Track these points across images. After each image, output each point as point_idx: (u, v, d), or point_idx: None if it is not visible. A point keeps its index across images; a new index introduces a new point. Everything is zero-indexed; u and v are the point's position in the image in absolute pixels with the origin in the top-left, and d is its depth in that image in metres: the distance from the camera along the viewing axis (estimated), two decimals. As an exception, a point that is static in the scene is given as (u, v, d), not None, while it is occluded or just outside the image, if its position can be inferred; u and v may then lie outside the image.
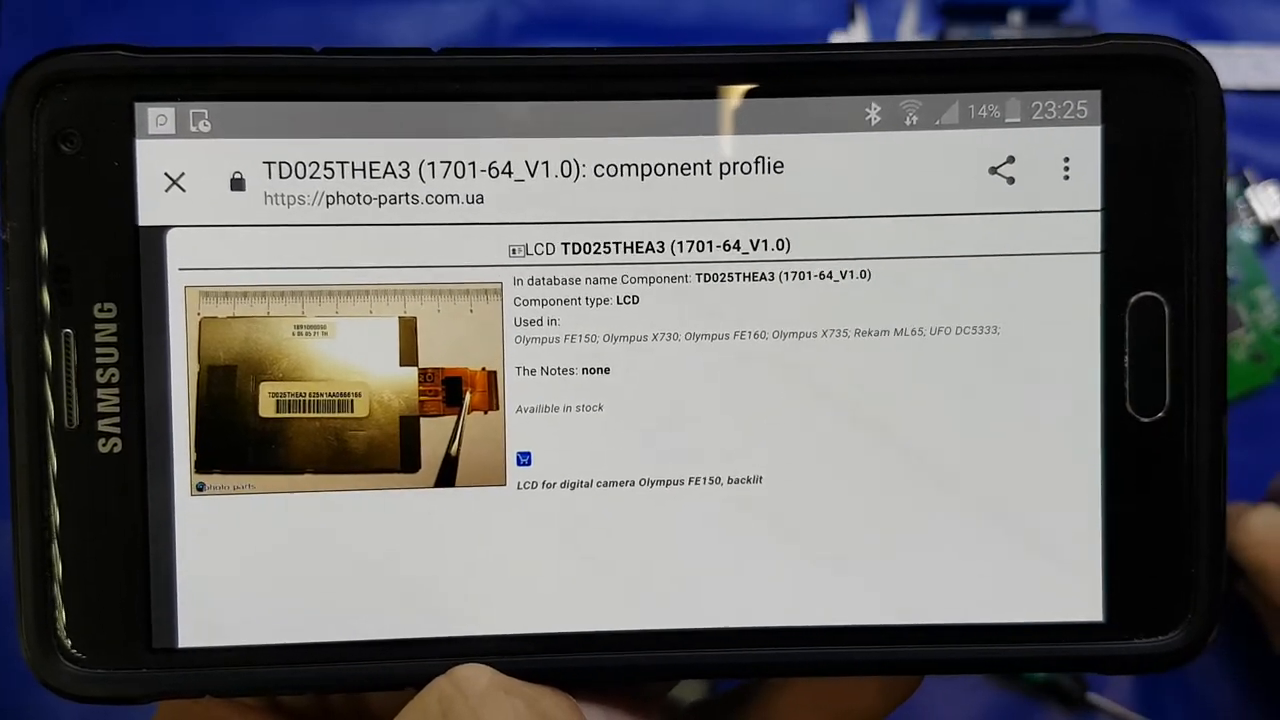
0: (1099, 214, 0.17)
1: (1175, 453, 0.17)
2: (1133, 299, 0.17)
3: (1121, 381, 0.17)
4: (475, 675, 0.16)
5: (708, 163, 0.17)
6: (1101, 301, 0.17)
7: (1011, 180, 0.17)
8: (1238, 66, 0.33)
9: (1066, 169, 0.17)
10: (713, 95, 0.17)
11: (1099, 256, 0.17)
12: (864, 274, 0.17)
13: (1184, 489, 0.17)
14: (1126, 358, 0.17)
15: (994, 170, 0.17)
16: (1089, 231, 0.17)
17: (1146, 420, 0.17)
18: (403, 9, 0.33)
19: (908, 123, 0.17)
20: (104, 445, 0.16)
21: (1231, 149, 0.32)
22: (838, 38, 0.33)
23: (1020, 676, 0.30)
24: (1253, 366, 0.32)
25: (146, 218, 0.16)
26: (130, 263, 0.16)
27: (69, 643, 0.16)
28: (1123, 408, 0.17)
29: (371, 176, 0.17)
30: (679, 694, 0.20)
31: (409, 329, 0.17)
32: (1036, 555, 0.17)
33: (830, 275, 0.17)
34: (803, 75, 0.17)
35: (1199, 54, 0.17)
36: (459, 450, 0.17)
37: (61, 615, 0.16)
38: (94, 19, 0.33)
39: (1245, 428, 0.32)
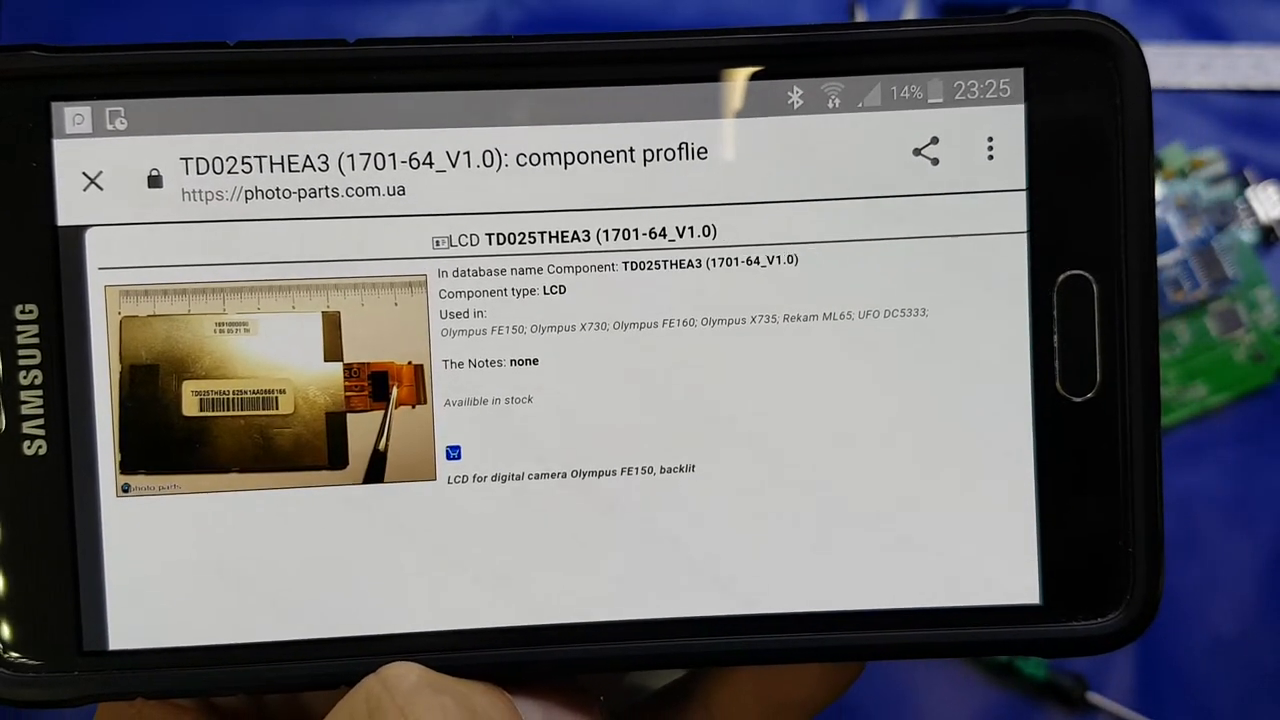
0: (1024, 193, 0.17)
1: (1108, 432, 0.17)
2: (1060, 278, 0.17)
3: (1051, 361, 0.17)
4: (403, 673, 0.16)
5: (631, 150, 0.17)
6: (1029, 281, 0.17)
7: (936, 161, 0.17)
8: (1238, 66, 0.33)
9: (991, 149, 0.17)
10: (634, 81, 0.17)
11: (1025, 236, 0.17)
12: (791, 259, 0.17)
13: (1118, 468, 0.17)
14: (1055, 337, 0.17)
15: (918, 152, 0.17)
16: (1014, 211, 0.17)
17: (1078, 400, 0.17)
18: (403, 8, 0.33)
19: (830, 105, 0.17)
20: (29, 448, 0.16)
21: (1231, 149, 0.32)
22: None
23: (1019, 675, 0.30)
24: (1253, 366, 0.32)
25: (65, 217, 0.16)
26: (50, 263, 0.16)
27: (1, 648, 0.16)
28: (1053, 388, 0.17)
29: (290, 170, 0.16)
30: (643, 681, 0.20)
31: (333, 324, 0.17)
32: (971, 539, 0.17)
33: (757, 261, 0.17)
34: (723, 60, 0.17)
35: (1122, 29, 0.17)
36: (387, 445, 0.17)
37: None
38: (94, 19, 0.33)
39: (1245, 428, 0.32)
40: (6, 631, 0.16)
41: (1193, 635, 0.31)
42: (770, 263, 0.17)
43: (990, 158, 0.17)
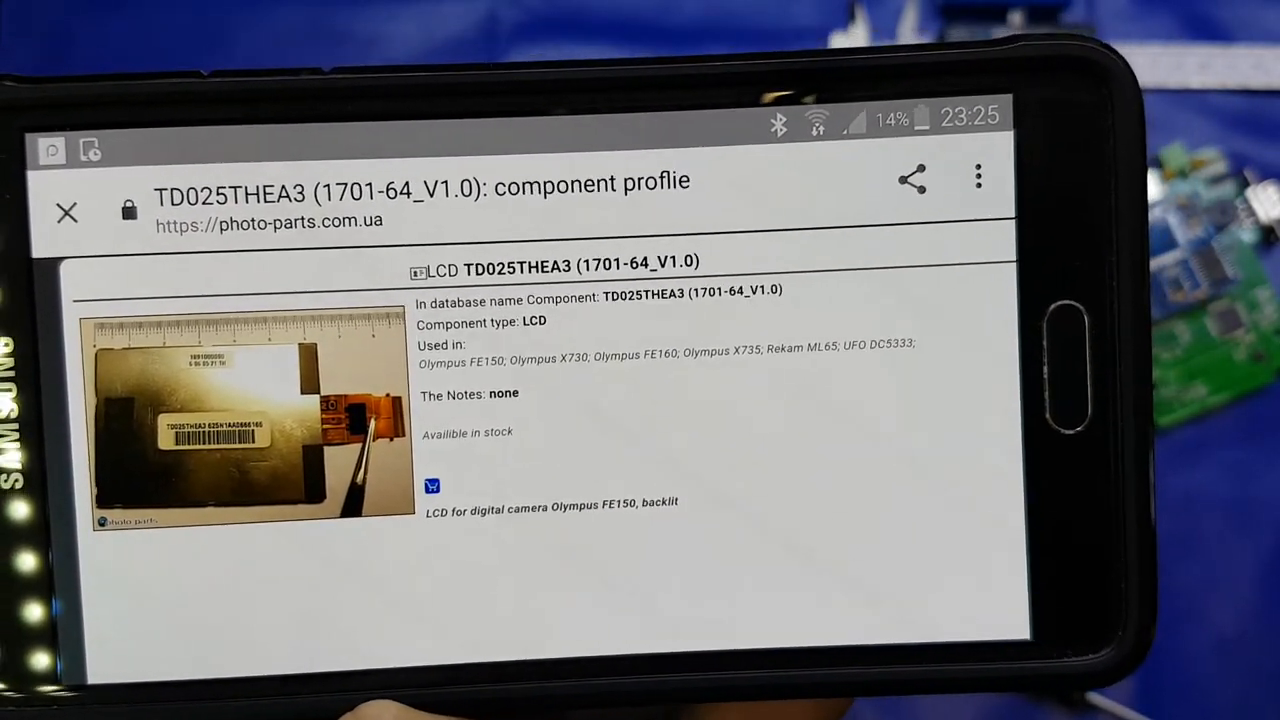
0: (1013, 222, 0.16)
1: (1100, 465, 0.16)
2: (1051, 308, 0.16)
3: (1041, 393, 0.16)
4: (380, 712, 0.15)
5: (611, 179, 0.16)
6: (1018, 311, 0.16)
7: (923, 189, 0.16)
8: (1238, 66, 0.33)
9: (979, 176, 0.16)
10: (614, 109, 0.16)
11: (1014, 265, 0.16)
12: (775, 289, 0.16)
13: (1110, 502, 0.16)
14: (1045, 368, 0.16)
15: (904, 180, 0.16)
16: (1003, 240, 0.16)
17: (1069, 432, 0.16)
18: (403, 9, 0.33)
19: (814, 133, 0.16)
20: (5, 481, 0.16)
21: (1231, 149, 0.32)
22: (838, 38, 0.33)
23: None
24: (1253, 366, 0.32)
25: (40, 249, 0.16)
26: (25, 295, 0.16)
27: (-25, 682, 0.16)
28: (1043, 420, 0.16)
29: (265, 201, 0.16)
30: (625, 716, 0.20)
31: (309, 355, 0.16)
32: (960, 573, 0.17)
33: (741, 290, 0.17)
34: (705, 87, 0.16)
35: (1114, 53, 0.16)
36: (365, 479, 0.17)
37: None
38: (93, 19, 0.33)
39: (1245, 428, 0.32)
40: None
41: (1193, 635, 0.31)
42: (754, 292, 0.17)
43: (978, 185, 0.16)
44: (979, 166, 0.16)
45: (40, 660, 0.16)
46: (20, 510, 0.16)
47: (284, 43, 0.33)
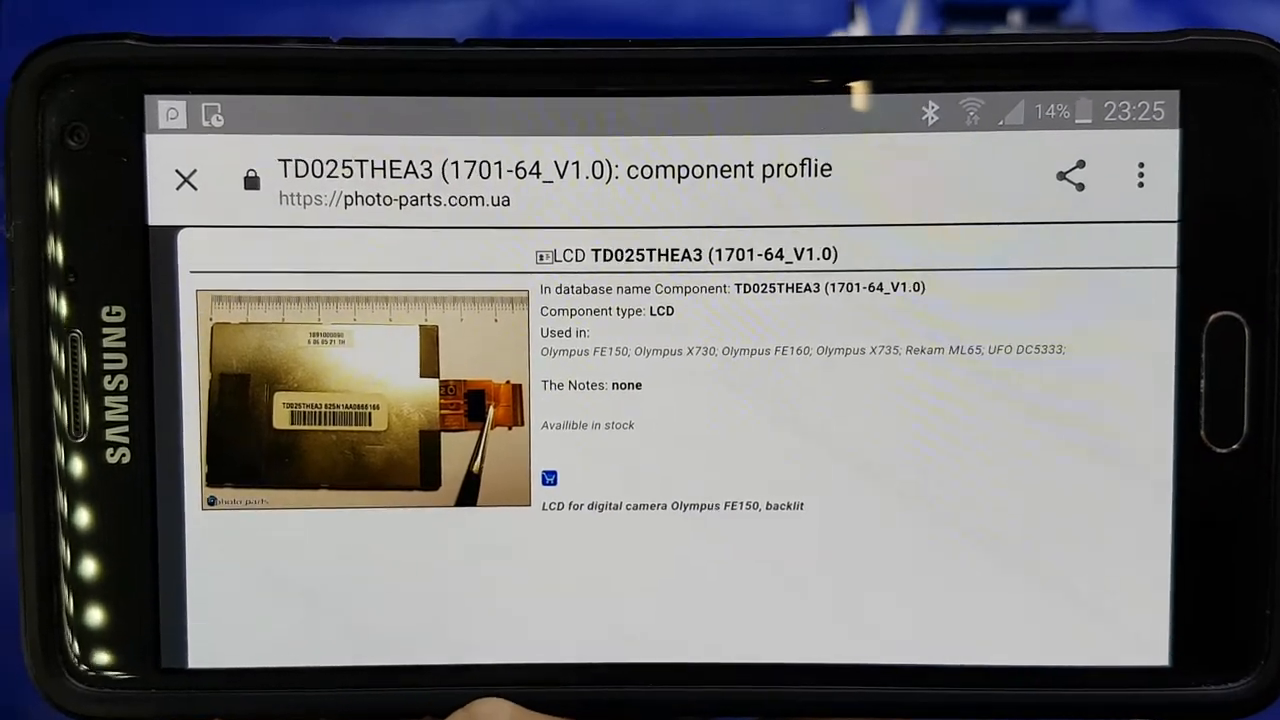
0: (1176, 225, 0.15)
1: (1253, 486, 0.16)
2: (1211, 318, 0.15)
3: (1197, 407, 0.16)
4: (495, 712, 0.15)
5: (749, 164, 0.16)
6: (1176, 320, 0.16)
7: (1081, 187, 0.16)
8: None
9: (1141, 175, 0.15)
10: (755, 91, 0.16)
11: (1175, 271, 0.15)
12: (917, 286, 0.16)
13: (1262, 525, 0.16)
14: (1203, 382, 0.16)
15: (1062, 175, 0.16)
16: (1165, 244, 0.15)
17: (1223, 450, 0.16)
18: (402, 8, 0.33)
19: (968, 123, 0.15)
20: (112, 455, 0.16)
21: None
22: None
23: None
24: None
25: (157, 217, 0.16)
26: (140, 264, 0.16)
27: (76, 661, 0.16)
28: (1197, 436, 0.16)
29: (392, 176, 0.16)
30: None
31: (430, 338, 0.16)
32: (1101, 594, 0.16)
33: (880, 287, 0.16)
34: (853, 70, 0.15)
35: (1287, 51, 0.15)
36: (481, 468, 0.16)
37: (69, 632, 0.16)
38: (93, 20, 0.33)
39: None
40: (82, 646, 0.16)
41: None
42: (894, 290, 0.16)
43: (1140, 185, 0.15)
44: (1142, 165, 0.15)
45: (141, 641, 0.16)
46: (127, 486, 0.16)
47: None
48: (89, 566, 0.16)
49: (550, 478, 0.16)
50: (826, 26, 0.33)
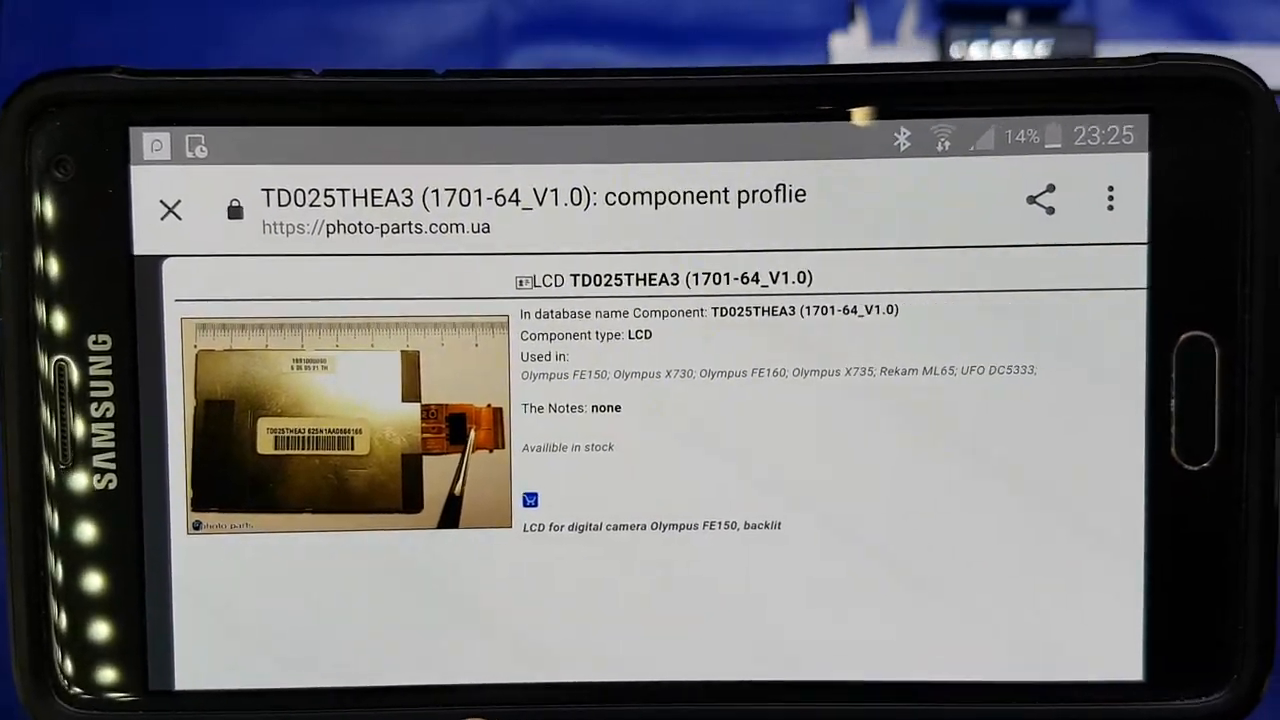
0: (1145, 247, 0.16)
1: (1223, 503, 0.16)
2: (1181, 338, 0.16)
3: (1168, 426, 0.16)
4: (476, 731, 0.15)
5: (725, 190, 0.16)
6: (1147, 341, 0.16)
7: (1051, 210, 0.16)
8: None
9: (1111, 199, 0.16)
10: (730, 119, 0.16)
11: (1145, 293, 0.16)
12: (891, 309, 0.16)
13: (1232, 542, 0.16)
14: (1173, 401, 0.16)
15: (1033, 199, 0.16)
16: (1134, 266, 0.16)
17: (1193, 468, 0.16)
18: (403, 9, 0.33)
19: (939, 148, 0.16)
20: (99, 481, 0.16)
21: None
22: (838, 38, 0.32)
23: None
24: None
25: (142, 246, 0.16)
26: (125, 293, 0.16)
27: (66, 683, 0.16)
28: (1168, 454, 0.16)
29: (373, 204, 0.16)
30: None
31: (412, 363, 0.16)
32: (1073, 610, 0.16)
33: (855, 310, 0.16)
34: (826, 97, 0.16)
35: (1254, 75, 0.16)
36: (463, 490, 0.16)
37: (57, 655, 0.16)
38: (93, 19, 0.33)
39: None
40: (71, 667, 0.16)
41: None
42: (869, 312, 0.16)
43: (1110, 208, 0.16)
44: (1111, 188, 0.16)
45: (129, 664, 0.16)
46: (114, 511, 0.16)
47: (284, 43, 0.33)
48: (77, 591, 0.16)
49: (531, 499, 0.16)
50: (826, 27, 0.33)
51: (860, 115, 0.16)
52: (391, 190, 0.16)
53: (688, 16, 0.33)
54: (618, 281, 0.16)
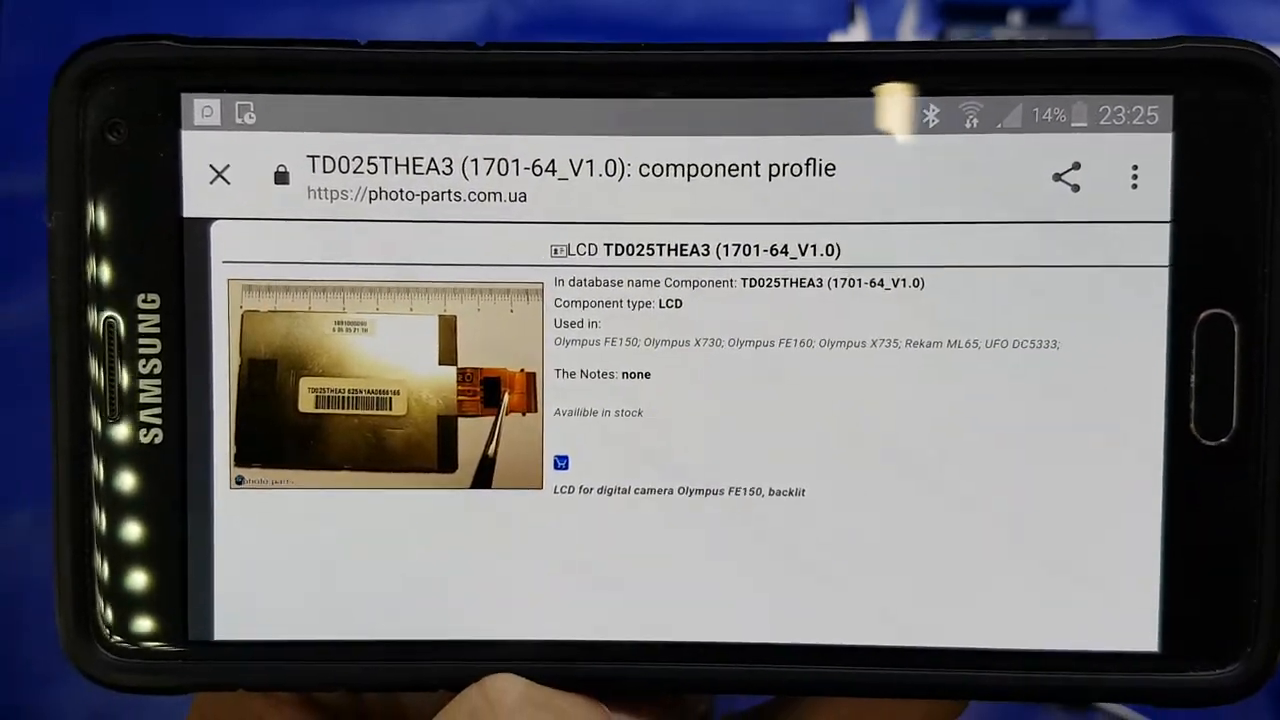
0: (1168, 225, 0.16)
1: (1241, 478, 0.16)
2: (1201, 316, 0.16)
3: (1187, 402, 0.16)
4: (507, 687, 0.15)
5: (756, 164, 0.16)
6: (1168, 318, 0.16)
7: (1076, 188, 0.16)
8: None
9: (1135, 178, 0.16)
10: (763, 94, 0.16)
11: (1167, 270, 0.16)
12: (917, 283, 0.16)
13: (1249, 516, 0.16)
14: (1193, 377, 0.16)
15: (1058, 177, 0.16)
16: (1157, 244, 0.16)
17: (1211, 443, 0.16)
18: (403, 8, 0.33)
19: (968, 125, 0.16)
20: (145, 436, 0.17)
21: None
22: (837, 38, 0.32)
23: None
24: None
25: (191, 209, 0.16)
26: (174, 254, 0.16)
27: (107, 632, 0.17)
28: (1187, 429, 0.16)
29: (414, 172, 0.16)
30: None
31: (449, 328, 0.17)
32: (1091, 580, 0.16)
33: (881, 283, 0.16)
34: (857, 74, 0.16)
35: (1276, 59, 0.16)
36: (496, 451, 0.17)
37: (100, 604, 0.16)
38: (93, 19, 0.33)
39: None
40: (114, 617, 0.17)
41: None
42: (895, 285, 0.16)
43: (1134, 187, 0.16)
44: (1135, 167, 0.16)
45: (169, 614, 0.17)
46: (158, 465, 0.17)
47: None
48: (120, 542, 0.17)
49: (562, 462, 0.17)
50: (826, 27, 0.33)
51: (890, 92, 0.16)
52: (432, 159, 0.16)
53: (688, 16, 0.33)
54: (650, 251, 0.16)
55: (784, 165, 0.16)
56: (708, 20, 0.33)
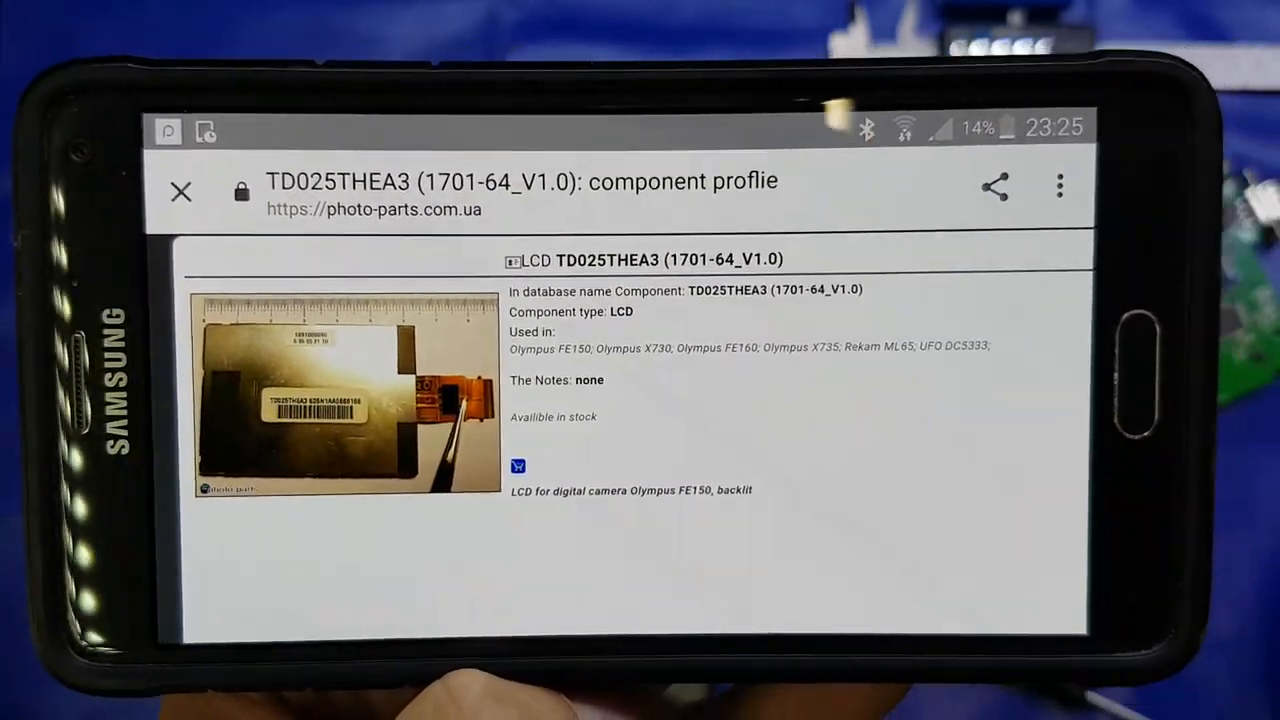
0: (1091, 231, 0.17)
1: (1163, 469, 0.17)
2: (1124, 316, 0.17)
3: (1111, 398, 0.17)
4: (469, 682, 0.16)
5: (702, 177, 0.17)
6: (1092, 318, 0.17)
7: (1005, 197, 0.17)
8: (1238, 66, 0.33)
9: (1060, 186, 0.17)
10: (707, 110, 0.17)
11: (1091, 274, 0.17)
12: (856, 288, 0.17)
13: (1171, 505, 0.17)
14: (1116, 375, 0.17)
15: (987, 187, 0.17)
16: (1081, 249, 0.17)
17: (1134, 437, 0.17)
18: (402, 9, 0.33)
19: (901, 139, 0.17)
20: (112, 447, 0.17)
21: (1231, 149, 0.32)
22: (837, 38, 0.33)
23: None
24: (1253, 366, 0.32)
25: (154, 226, 0.17)
26: (138, 270, 0.17)
27: (79, 637, 0.17)
28: (1111, 424, 0.17)
29: (372, 188, 0.17)
30: (676, 692, 0.21)
31: (407, 337, 0.17)
32: (1022, 568, 0.17)
33: (822, 289, 0.17)
34: (797, 91, 0.17)
35: (1196, 71, 0.17)
36: (455, 457, 0.17)
37: (72, 611, 0.17)
38: (93, 19, 0.33)
39: (1245, 428, 0.32)
40: (85, 622, 0.17)
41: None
42: (835, 291, 0.17)
43: (1060, 195, 0.17)
44: (1061, 176, 0.17)
45: (139, 619, 0.17)
46: (126, 475, 0.17)
47: (284, 43, 0.33)
48: (90, 550, 0.17)
49: (519, 466, 0.17)
50: (826, 27, 0.33)
51: (828, 107, 0.17)
52: (389, 174, 0.17)
53: (687, 16, 0.33)
54: (601, 262, 0.17)
55: (728, 178, 0.17)
56: (707, 20, 0.33)
